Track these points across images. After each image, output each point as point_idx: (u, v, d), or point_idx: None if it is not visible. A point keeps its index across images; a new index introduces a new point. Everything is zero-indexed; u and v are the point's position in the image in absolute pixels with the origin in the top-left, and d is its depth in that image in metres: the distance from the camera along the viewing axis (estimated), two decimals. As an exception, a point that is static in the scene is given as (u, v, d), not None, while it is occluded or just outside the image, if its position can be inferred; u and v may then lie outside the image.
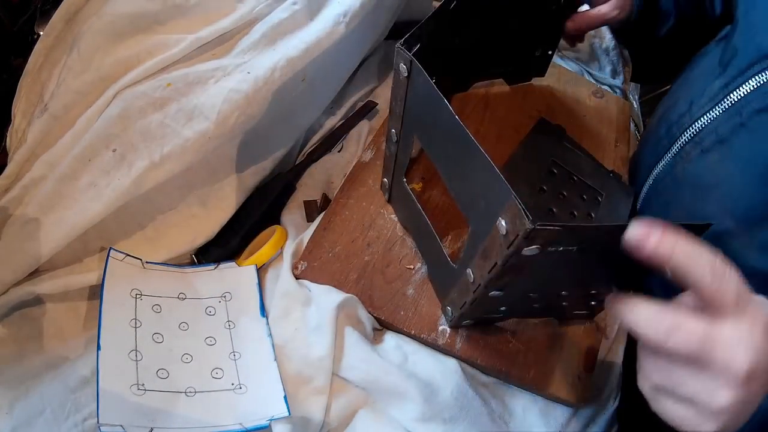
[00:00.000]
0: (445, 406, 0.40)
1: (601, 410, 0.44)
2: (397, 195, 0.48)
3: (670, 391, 0.30)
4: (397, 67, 0.37)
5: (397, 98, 0.40)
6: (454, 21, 0.46)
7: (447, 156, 0.36)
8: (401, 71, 0.37)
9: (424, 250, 0.47)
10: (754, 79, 0.44)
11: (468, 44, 0.53)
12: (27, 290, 0.40)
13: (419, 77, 0.36)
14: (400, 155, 0.43)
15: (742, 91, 0.45)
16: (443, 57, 0.45)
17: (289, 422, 0.37)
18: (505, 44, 0.58)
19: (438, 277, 0.44)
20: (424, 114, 0.37)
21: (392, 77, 0.39)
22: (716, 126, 0.46)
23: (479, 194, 0.32)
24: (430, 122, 0.37)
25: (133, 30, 0.48)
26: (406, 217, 0.48)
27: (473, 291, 0.35)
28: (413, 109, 0.39)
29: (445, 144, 0.36)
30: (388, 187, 0.48)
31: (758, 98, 0.43)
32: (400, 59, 0.36)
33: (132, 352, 0.38)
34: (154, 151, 0.42)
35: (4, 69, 0.55)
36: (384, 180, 0.49)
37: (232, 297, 0.44)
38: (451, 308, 0.42)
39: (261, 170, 0.50)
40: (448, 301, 0.42)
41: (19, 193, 0.42)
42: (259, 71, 0.46)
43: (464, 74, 0.61)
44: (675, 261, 0.27)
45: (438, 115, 0.35)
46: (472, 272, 0.35)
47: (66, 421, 0.36)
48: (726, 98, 0.46)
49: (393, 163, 0.45)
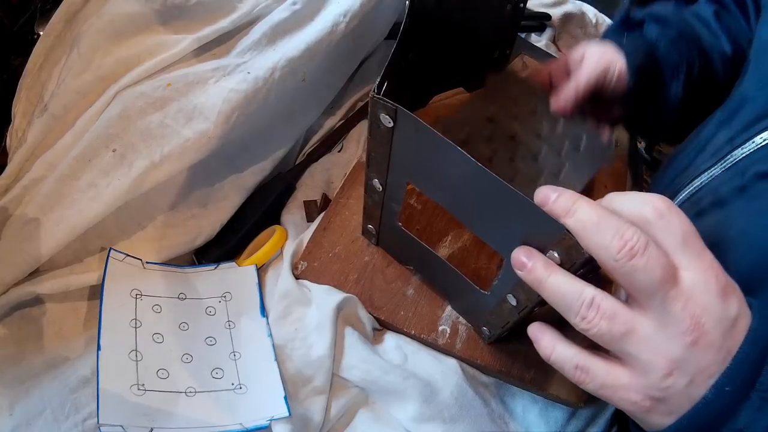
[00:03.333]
0: (445, 406, 0.40)
1: (601, 410, 0.44)
2: (390, 239, 0.45)
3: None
4: (376, 118, 0.33)
5: (377, 150, 0.36)
6: (408, 38, 0.42)
7: (462, 197, 0.34)
8: (383, 122, 0.33)
9: (437, 283, 0.45)
10: (760, 136, 0.38)
11: (424, 59, 0.49)
12: (27, 290, 0.40)
13: (411, 125, 0.32)
14: (389, 203, 0.40)
15: (747, 148, 0.39)
16: (399, 75, 0.39)
17: (289, 422, 0.37)
18: (462, 53, 0.55)
19: (465, 304, 0.43)
20: (422, 161, 0.34)
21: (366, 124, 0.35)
22: (716, 186, 0.40)
23: (516, 230, 0.31)
24: (432, 168, 0.34)
25: (133, 30, 0.48)
26: (406, 256, 0.46)
27: (518, 312, 0.36)
28: (405, 157, 0.35)
29: (459, 187, 0.33)
30: (375, 233, 0.45)
31: (763, 159, 0.37)
32: (379, 110, 0.32)
33: (132, 352, 0.38)
34: (154, 151, 0.42)
35: (4, 69, 0.56)
36: (369, 226, 0.45)
37: (232, 297, 0.44)
38: (489, 329, 0.42)
39: (261, 170, 0.50)
40: (483, 323, 0.42)
41: (19, 193, 0.42)
42: (259, 71, 0.46)
43: (422, 90, 0.58)
44: (572, 222, 0.26)
45: (445, 160, 0.32)
46: (515, 297, 0.35)
47: (66, 421, 0.36)
48: (729, 155, 0.40)
49: (380, 210, 0.42)
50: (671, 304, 0.25)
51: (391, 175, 0.37)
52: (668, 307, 0.26)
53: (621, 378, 0.28)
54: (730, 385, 0.25)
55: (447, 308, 0.45)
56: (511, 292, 0.34)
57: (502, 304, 0.37)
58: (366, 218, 0.45)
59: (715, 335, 0.25)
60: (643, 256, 0.25)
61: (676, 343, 0.26)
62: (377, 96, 0.32)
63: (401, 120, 0.32)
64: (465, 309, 0.44)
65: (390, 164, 0.36)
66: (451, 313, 0.45)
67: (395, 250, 0.47)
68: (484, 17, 0.54)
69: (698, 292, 0.26)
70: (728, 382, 0.25)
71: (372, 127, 0.34)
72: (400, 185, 0.38)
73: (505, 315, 0.37)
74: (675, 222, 0.27)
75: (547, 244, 0.29)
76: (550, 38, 0.76)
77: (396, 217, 0.41)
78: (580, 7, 0.79)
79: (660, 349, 0.26)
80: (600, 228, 0.26)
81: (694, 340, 0.25)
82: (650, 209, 0.27)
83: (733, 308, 0.26)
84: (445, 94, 0.61)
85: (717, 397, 0.25)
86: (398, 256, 0.47)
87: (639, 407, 0.27)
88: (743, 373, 0.25)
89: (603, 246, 0.25)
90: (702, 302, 0.25)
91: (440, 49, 0.52)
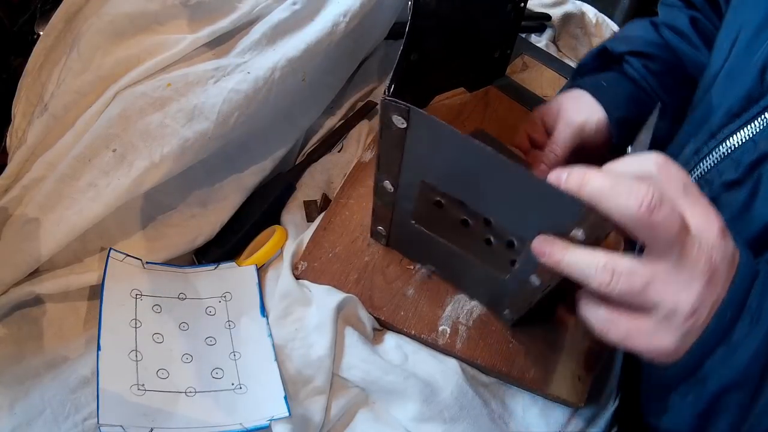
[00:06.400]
0: (445, 406, 0.40)
1: (601, 410, 0.44)
2: (402, 239, 0.46)
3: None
4: (388, 120, 0.33)
5: (388, 151, 0.36)
6: (411, 39, 0.43)
7: (480, 189, 0.35)
8: (395, 123, 0.33)
9: (453, 276, 0.46)
10: (724, 144, 0.38)
11: (425, 60, 0.50)
12: (27, 290, 0.40)
13: (425, 124, 0.32)
14: (401, 203, 0.41)
15: (712, 158, 0.39)
16: (401, 76, 0.40)
17: (289, 422, 0.37)
18: (463, 53, 0.55)
19: (485, 291, 0.44)
20: (437, 157, 0.34)
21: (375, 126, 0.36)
22: None
23: (537, 214, 0.33)
24: (448, 163, 0.34)
25: (133, 30, 0.48)
26: (419, 254, 0.46)
27: (542, 291, 0.37)
28: (418, 156, 0.35)
29: (476, 179, 0.34)
30: (385, 234, 0.46)
31: (728, 168, 0.37)
32: (392, 112, 0.32)
33: (132, 353, 0.38)
34: (154, 151, 0.42)
35: (4, 69, 0.56)
36: (379, 228, 0.45)
37: (232, 297, 0.44)
38: (511, 311, 0.43)
39: (261, 170, 0.50)
40: (504, 307, 0.43)
41: (19, 193, 0.42)
42: (259, 71, 0.46)
43: (424, 91, 0.58)
44: (588, 192, 0.28)
45: (462, 155, 0.33)
46: (539, 277, 0.36)
47: (66, 421, 0.36)
48: (696, 167, 0.40)
49: (390, 211, 0.42)
50: (688, 250, 0.28)
51: (404, 175, 0.38)
52: (685, 253, 0.28)
53: (646, 325, 0.29)
54: (730, 310, 0.29)
55: (447, 308, 0.45)
56: (534, 273, 0.36)
57: (525, 286, 0.38)
58: (375, 221, 0.45)
59: (722, 270, 0.28)
60: (660, 209, 0.27)
61: (695, 283, 0.28)
62: (389, 98, 0.32)
63: (414, 120, 0.33)
64: (484, 296, 0.45)
65: (402, 164, 0.37)
66: (451, 313, 0.45)
67: (407, 248, 0.47)
68: (484, 18, 0.54)
69: (706, 234, 0.28)
70: (728, 308, 0.28)
71: (383, 129, 0.35)
72: (413, 184, 0.38)
73: (528, 295, 0.39)
74: (675, 172, 0.29)
75: (569, 225, 0.31)
76: (550, 38, 0.76)
77: (410, 216, 0.42)
78: (580, 7, 0.79)
79: (682, 292, 0.28)
80: (615, 190, 0.27)
81: (709, 278, 0.28)
82: (651, 164, 0.29)
83: (730, 245, 0.29)
84: (445, 94, 0.61)
85: (719, 324, 0.29)
86: (411, 254, 0.47)
87: (664, 351, 0.29)
88: (738, 298, 0.29)
89: (622, 207, 0.27)
90: (710, 243, 0.28)
91: (441, 49, 0.52)
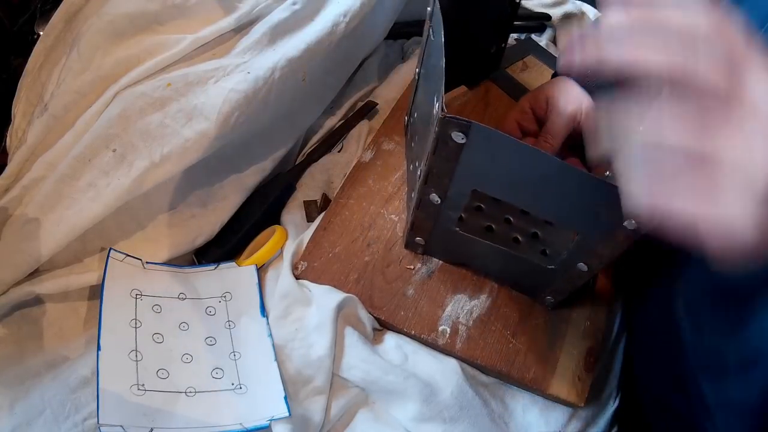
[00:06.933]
0: (445, 406, 0.40)
1: (601, 410, 0.44)
2: (443, 245, 0.46)
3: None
4: (447, 136, 0.34)
5: (441, 165, 0.37)
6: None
7: (535, 192, 0.36)
8: (454, 139, 0.34)
9: (495, 272, 0.47)
10: None
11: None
12: (27, 290, 0.40)
13: (485, 137, 0.33)
14: (446, 212, 0.42)
15: None
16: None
17: (289, 422, 0.37)
18: (461, 51, 0.53)
19: (528, 282, 0.46)
20: (493, 167, 0.36)
21: (411, 132, 0.36)
22: None
23: (593, 210, 0.35)
24: (504, 171, 0.36)
25: (133, 30, 0.48)
26: (461, 257, 0.47)
27: (589, 276, 0.40)
28: (473, 167, 0.36)
29: (532, 183, 0.36)
30: (424, 243, 0.46)
31: None
32: (452, 129, 0.33)
33: (132, 353, 0.38)
34: (154, 151, 0.42)
35: (4, 69, 0.56)
36: (417, 239, 0.46)
37: (232, 297, 0.44)
38: (553, 296, 0.45)
39: (261, 170, 0.50)
40: (547, 293, 0.45)
41: (19, 193, 0.42)
42: (259, 71, 0.46)
43: None
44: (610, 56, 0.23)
45: (521, 163, 0.34)
46: (586, 264, 0.39)
47: (66, 421, 0.36)
48: None
49: (434, 220, 0.43)
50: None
51: (454, 186, 0.38)
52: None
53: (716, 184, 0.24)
54: None
55: (447, 308, 0.45)
56: (582, 260, 0.39)
57: (571, 273, 0.41)
58: (414, 232, 0.45)
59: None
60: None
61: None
62: (449, 116, 0.33)
63: (474, 134, 0.33)
64: (527, 287, 0.47)
65: (454, 176, 0.37)
66: (451, 313, 0.45)
67: (449, 254, 0.47)
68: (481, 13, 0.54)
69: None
70: None
71: (439, 144, 0.35)
72: (463, 194, 0.39)
73: (574, 280, 0.42)
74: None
75: (623, 216, 0.33)
76: (550, 38, 0.76)
77: (454, 224, 0.42)
78: (580, 7, 0.79)
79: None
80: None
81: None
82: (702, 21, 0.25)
83: None
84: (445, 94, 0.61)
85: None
86: (452, 258, 0.48)
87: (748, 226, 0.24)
88: None
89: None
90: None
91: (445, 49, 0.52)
